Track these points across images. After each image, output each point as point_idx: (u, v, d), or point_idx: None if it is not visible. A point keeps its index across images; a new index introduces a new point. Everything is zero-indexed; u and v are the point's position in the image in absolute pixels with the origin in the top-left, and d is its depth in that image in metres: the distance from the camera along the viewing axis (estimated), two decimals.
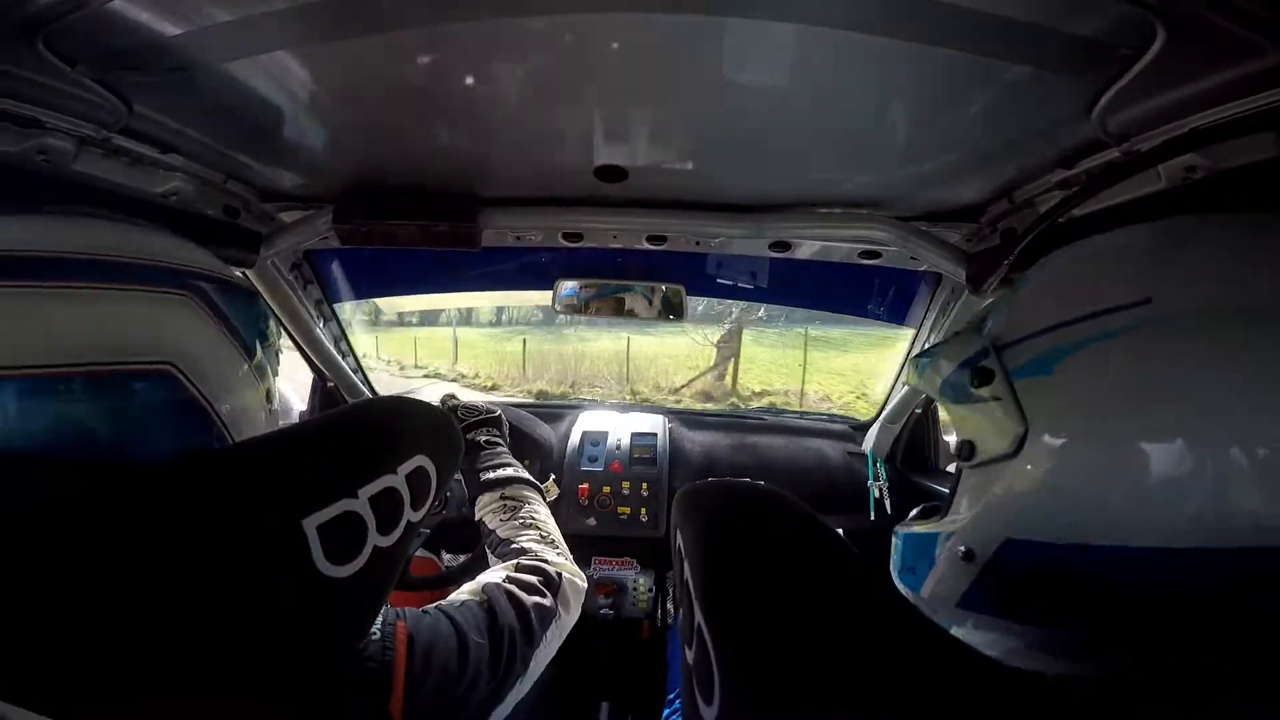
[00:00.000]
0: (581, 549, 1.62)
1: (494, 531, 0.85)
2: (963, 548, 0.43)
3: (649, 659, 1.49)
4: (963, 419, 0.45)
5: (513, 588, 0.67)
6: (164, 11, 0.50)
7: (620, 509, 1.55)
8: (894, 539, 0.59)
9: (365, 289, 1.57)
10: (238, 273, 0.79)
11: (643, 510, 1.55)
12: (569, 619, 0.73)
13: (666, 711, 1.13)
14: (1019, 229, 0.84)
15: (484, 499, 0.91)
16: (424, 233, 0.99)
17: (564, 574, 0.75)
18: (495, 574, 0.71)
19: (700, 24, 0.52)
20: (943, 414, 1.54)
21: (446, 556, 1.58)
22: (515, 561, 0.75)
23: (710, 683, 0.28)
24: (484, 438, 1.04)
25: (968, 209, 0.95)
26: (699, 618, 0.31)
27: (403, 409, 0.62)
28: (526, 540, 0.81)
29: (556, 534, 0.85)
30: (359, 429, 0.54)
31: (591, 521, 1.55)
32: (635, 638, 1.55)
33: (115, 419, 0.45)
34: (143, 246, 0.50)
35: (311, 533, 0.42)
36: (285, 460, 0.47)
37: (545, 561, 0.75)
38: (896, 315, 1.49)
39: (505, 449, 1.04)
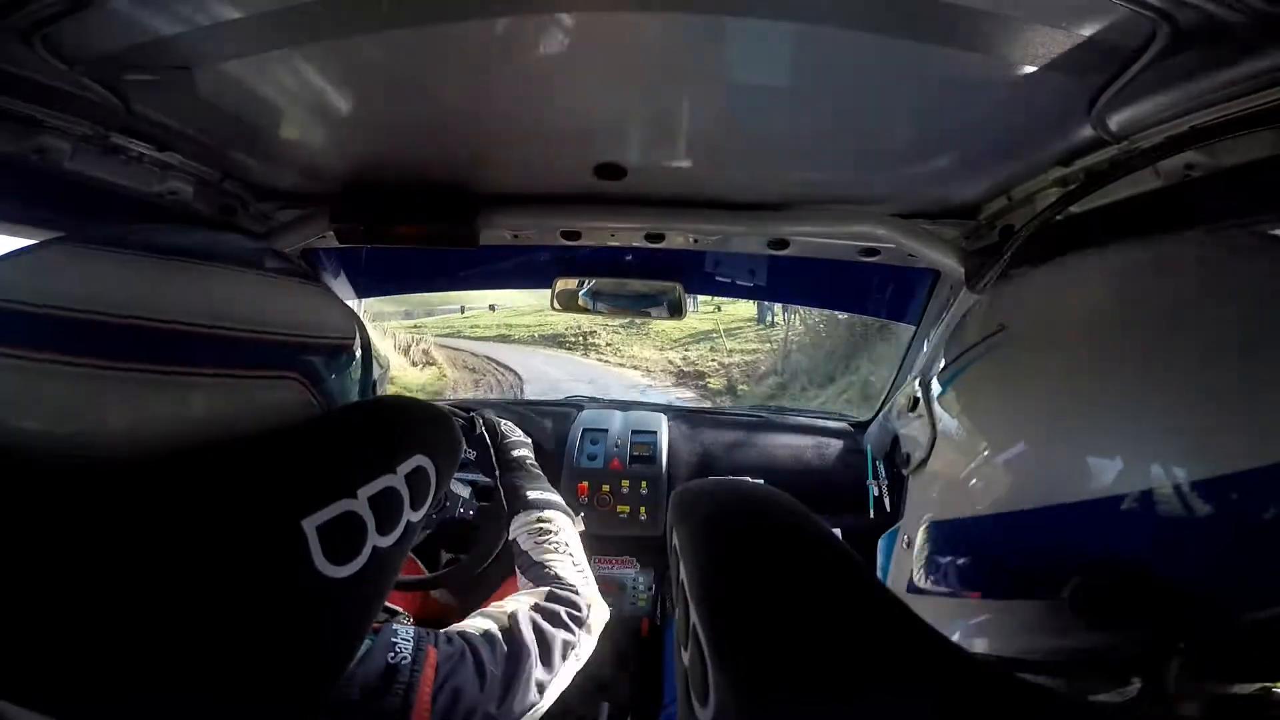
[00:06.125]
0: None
1: (526, 552, 0.86)
2: (905, 538, 0.52)
3: (648, 657, 1.50)
4: (904, 437, 0.55)
5: (539, 619, 0.68)
6: (163, 11, 0.50)
7: (619, 507, 1.55)
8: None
9: (364, 287, 1.57)
10: (356, 310, 0.60)
11: (642, 509, 1.55)
12: (588, 649, 0.74)
13: (663, 711, 1.13)
14: (1017, 226, 0.84)
15: (520, 519, 0.92)
16: (422, 231, 0.99)
17: (593, 606, 0.76)
18: (524, 599, 0.73)
19: (699, 22, 0.51)
20: None
21: (445, 555, 1.58)
22: (547, 590, 0.76)
23: (705, 684, 0.28)
24: (529, 461, 1.06)
25: (966, 206, 0.94)
26: (694, 618, 0.31)
27: (402, 408, 0.62)
28: (560, 567, 0.82)
29: (585, 563, 0.87)
30: (358, 428, 0.54)
31: (590, 519, 1.55)
32: (635, 636, 1.55)
33: None
34: (252, 311, 0.43)
35: (311, 533, 0.42)
36: (284, 460, 0.47)
37: (576, 593, 0.77)
38: (896, 312, 1.49)
39: (542, 474, 1.05)
